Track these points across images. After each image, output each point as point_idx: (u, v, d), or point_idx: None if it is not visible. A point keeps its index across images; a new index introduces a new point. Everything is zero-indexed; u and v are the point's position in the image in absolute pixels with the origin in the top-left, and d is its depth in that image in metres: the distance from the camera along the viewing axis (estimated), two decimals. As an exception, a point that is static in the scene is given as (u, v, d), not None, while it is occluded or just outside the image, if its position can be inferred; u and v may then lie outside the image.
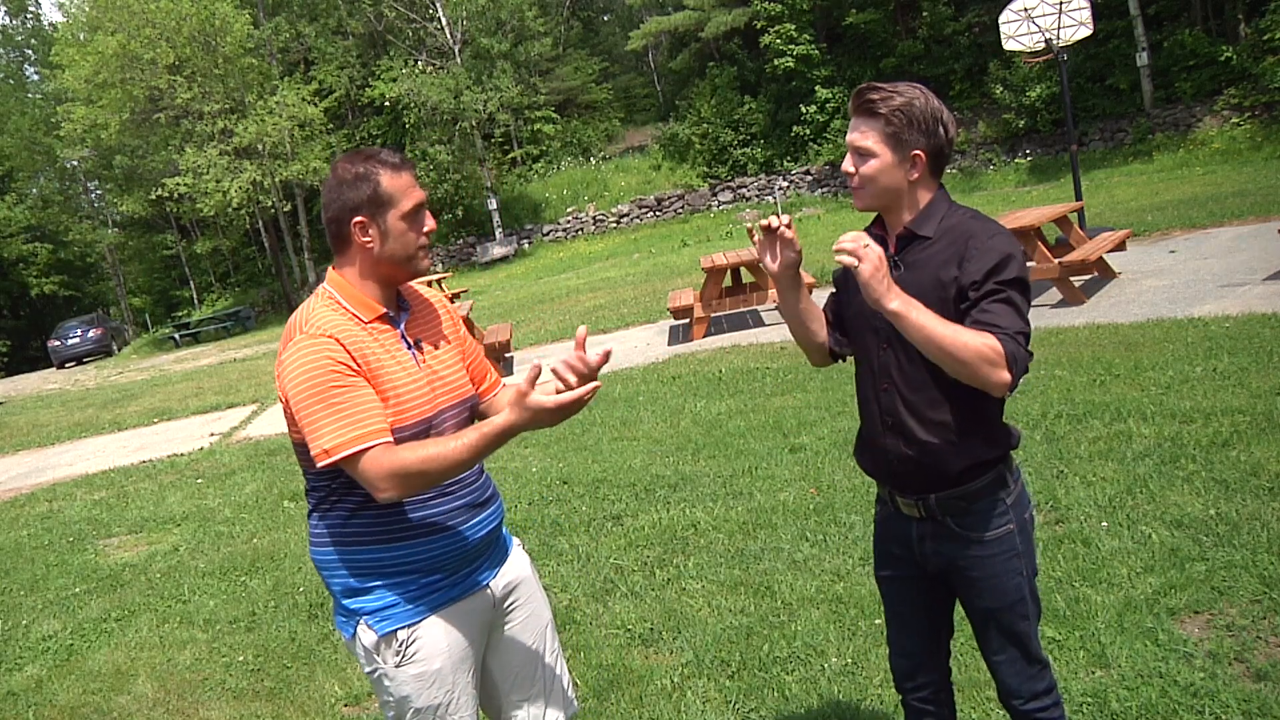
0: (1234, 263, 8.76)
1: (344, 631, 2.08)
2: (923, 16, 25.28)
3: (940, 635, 2.26)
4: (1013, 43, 11.54)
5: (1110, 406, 5.27)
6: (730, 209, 27.49)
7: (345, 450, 1.84)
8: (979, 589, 2.08)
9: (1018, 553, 2.06)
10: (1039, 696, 2.13)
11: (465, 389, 2.13)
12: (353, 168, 1.97)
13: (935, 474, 2.03)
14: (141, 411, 13.12)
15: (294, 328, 1.96)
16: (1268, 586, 3.21)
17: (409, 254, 2.01)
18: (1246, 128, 19.45)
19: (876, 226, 2.10)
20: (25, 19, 44.49)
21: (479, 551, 2.10)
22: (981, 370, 1.82)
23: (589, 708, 3.29)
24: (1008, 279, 1.89)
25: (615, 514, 5.13)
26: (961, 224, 1.98)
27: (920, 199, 2.01)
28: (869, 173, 1.97)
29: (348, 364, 1.89)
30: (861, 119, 1.97)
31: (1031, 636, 2.11)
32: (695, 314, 10.15)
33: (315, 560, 2.08)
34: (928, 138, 1.95)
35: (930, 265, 1.97)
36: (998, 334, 1.84)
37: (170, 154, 27.26)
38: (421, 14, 29.96)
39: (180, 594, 5.20)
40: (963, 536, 2.06)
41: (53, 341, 29.48)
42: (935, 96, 1.98)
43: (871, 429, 2.14)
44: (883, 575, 2.27)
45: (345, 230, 1.98)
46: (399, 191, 1.97)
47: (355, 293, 2.00)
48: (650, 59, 38.51)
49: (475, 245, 29.25)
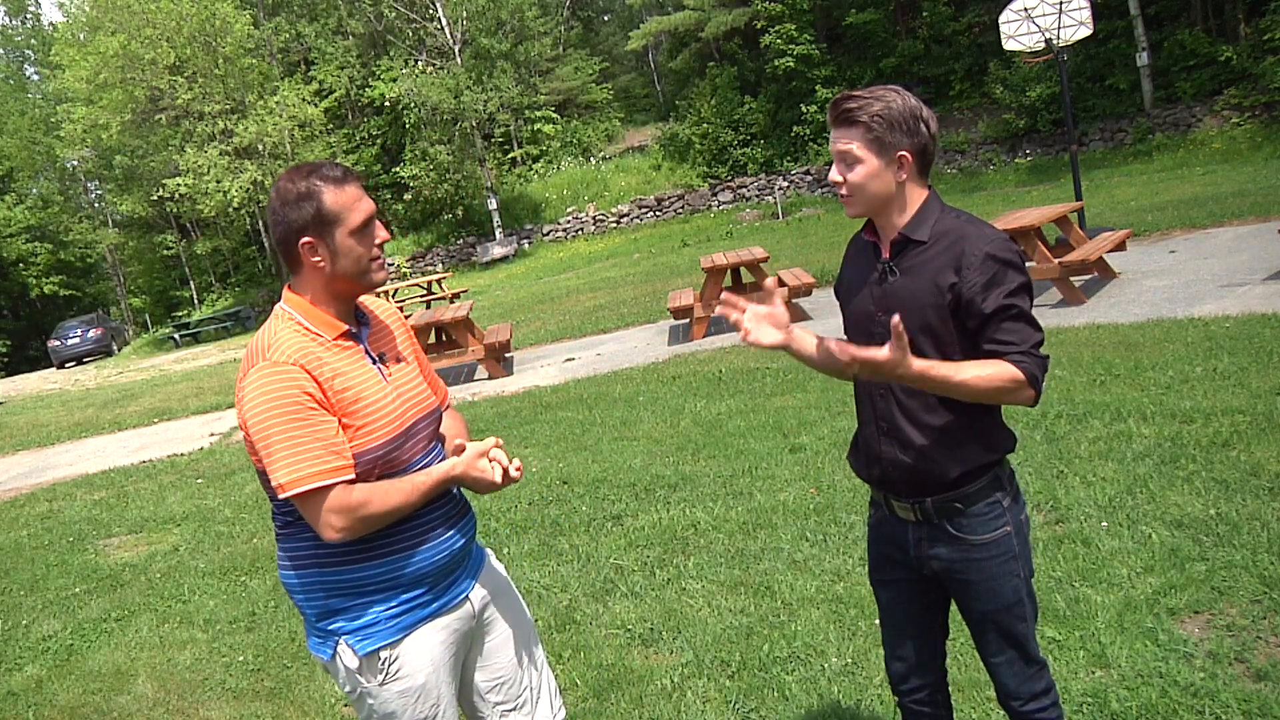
0: (1234, 263, 8.77)
1: (320, 654, 2.03)
2: (923, 16, 25.30)
3: (936, 638, 2.26)
4: (1013, 43, 11.54)
5: (1110, 406, 5.27)
6: (730, 209, 27.48)
7: (301, 487, 1.82)
8: (976, 592, 2.07)
9: (1014, 555, 2.06)
10: (1038, 697, 2.14)
11: (430, 400, 2.12)
12: (294, 186, 1.90)
13: (931, 479, 2.02)
14: (141, 411, 13.12)
15: (256, 352, 1.90)
16: (1268, 586, 3.21)
17: (361, 269, 1.95)
18: (1246, 128, 19.45)
19: (868, 231, 2.10)
20: (25, 19, 44.50)
21: (457, 562, 2.08)
22: (1007, 399, 1.90)
23: (589, 707, 3.29)
24: (1013, 289, 1.90)
25: (615, 514, 5.13)
26: (956, 228, 1.97)
27: (911, 201, 2.00)
28: (857, 180, 1.97)
29: (311, 394, 1.84)
30: (842, 129, 1.96)
31: (1029, 638, 2.11)
32: (695, 314, 10.15)
33: (288, 583, 2.04)
34: (910, 137, 1.94)
35: (926, 270, 1.96)
36: (1014, 356, 1.88)
37: (170, 154, 27.28)
38: (421, 14, 29.96)
39: (180, 594, 5.20)
40: (959, 539, 2.04)
41: (53, 341, 29.45)
42: (911, 95, 1.97)
43: (867, 433, 2.14)
44: (878, 579, 2.26)
45: (294, 252, 1.92)
46: (344, 207, 1.90)
47: (315, 311, 1.96)
48: (650, 59, 38.50)
49: (475, 245, 29.25)
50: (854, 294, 2.11)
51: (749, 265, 10.09)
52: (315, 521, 1.86)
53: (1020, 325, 1.90)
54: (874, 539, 2.25)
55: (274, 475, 1.83)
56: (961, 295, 1.91)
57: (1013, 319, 1.90)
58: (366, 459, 1.91)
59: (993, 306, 1.89)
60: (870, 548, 2.27)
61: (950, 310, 1.93)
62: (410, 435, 2.00)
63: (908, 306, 1.95)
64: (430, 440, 2.10)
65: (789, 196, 26.47)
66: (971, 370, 1.87)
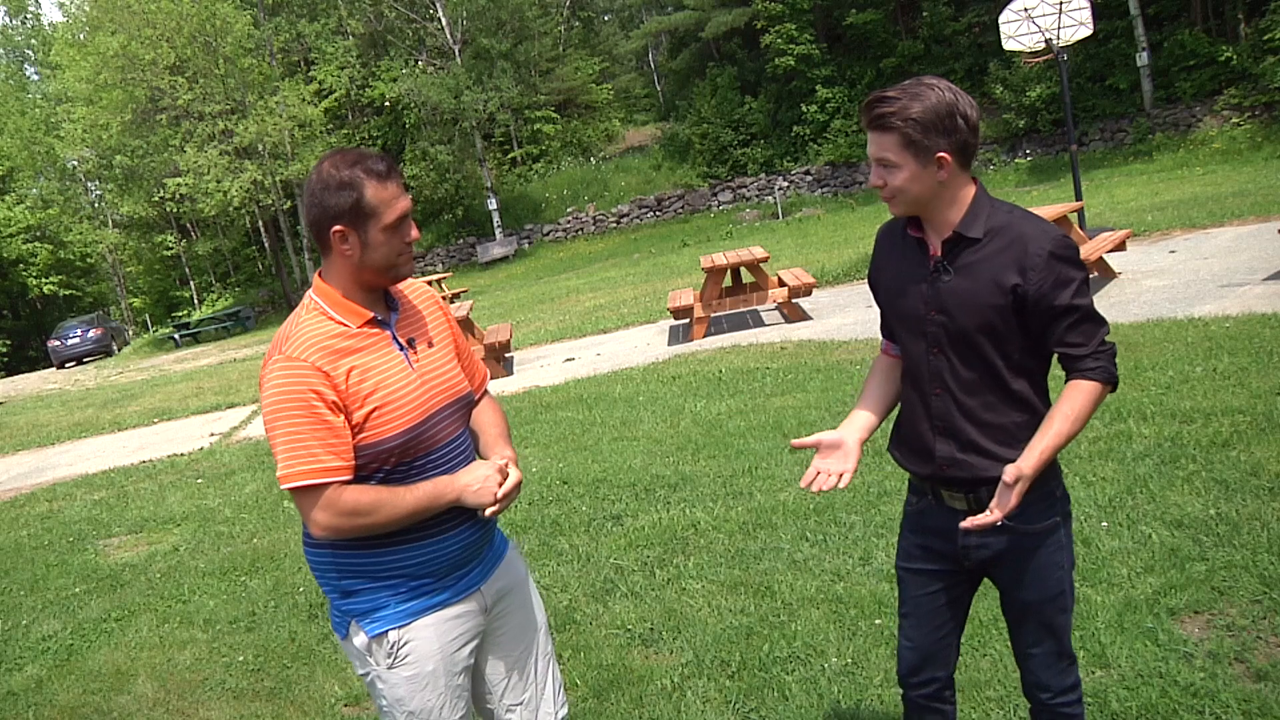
0: (1234, 263, 8.76)
1: (338, 632, 2.09)
2: (923, 16, 25.31)
3: (956, 634, 2.24)
4: (1013, 43, 11.54)
5: (1110, 406, 5.26)
6: (730, 209, 27.49)
7: (295, 482, 1.87)
8: (1024, 582, 2.06)
9: (1062, 545, 2.06)
10: (1066, 692, 2.14)
11: (460, 386, 2.10)
12: (338, 173, 1.90)
13: (991, 475, 1.97)
14: (141, 411, 13.12)
15: (277, 344, 1.94)
16: (1268, 586, 3.21)
17: (390, 263, 1.96)
18: (1246, 128, 19.46)
19: (913, 228, 2.03)
20: (25, 19, 44.51)
21: (469, 556, 2.09)
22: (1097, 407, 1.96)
23: (589, 707, 3.29)
24: (1077, 288, 1.90)
25: (615, 514, 5.13)
26: (1011, 224, 1.93)
27: (960, 196, 1.95)
28: (898, 184, 1.92)
29: (320, 393, 1.87)
30: (876, 134, 1.91)
31: (1067, 630, 2.11)
32: (695, 314, 10.15)
33: (309, 561, 2.09)
34: (948, 136, 1.87)
35: (986, 269, 1.92)
36: (1086, 364, 1.92)
37: (171, 154, 27.29)
38: (421, 14, 29.98)
39: (180, 594, 5.20)
40: (1012, 529, 2.00)
41: (53, 341, 29.48)
42: (948, 86, 1.90)
43: (918, 430, 2.09)
44: (909, 567, 2.21)
45: (325, 236, 1.94)
46: (383, 204, 1.91)
47: (341, 300, 1.97)
48: (650, 59, 38.52)
49: (475, 245, 29.26)
50: (902, 293, 2.05)
51: (749, 265, 10.09)
52: (304, 516, 1.92)
53: (1087, 325, 1.91)
54: (912, 527, 2.19)
55: (277, 466, 1.90)
56: (1028, 296, 1.89)
57: (1079, 319, 1.91)
58: (383, 448, 1.93)
59: (1061, 308, 1.89)
60: (905, 536, 2.22)
61: (1013, 310, 1.91)
62: (432, 422, 2.00)
63: (967, 306, 1.93)
64: (459, 425, 2.08)
65: (789, 196, 26.47)
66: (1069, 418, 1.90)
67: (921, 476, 2.13)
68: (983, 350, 1.94)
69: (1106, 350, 1.93)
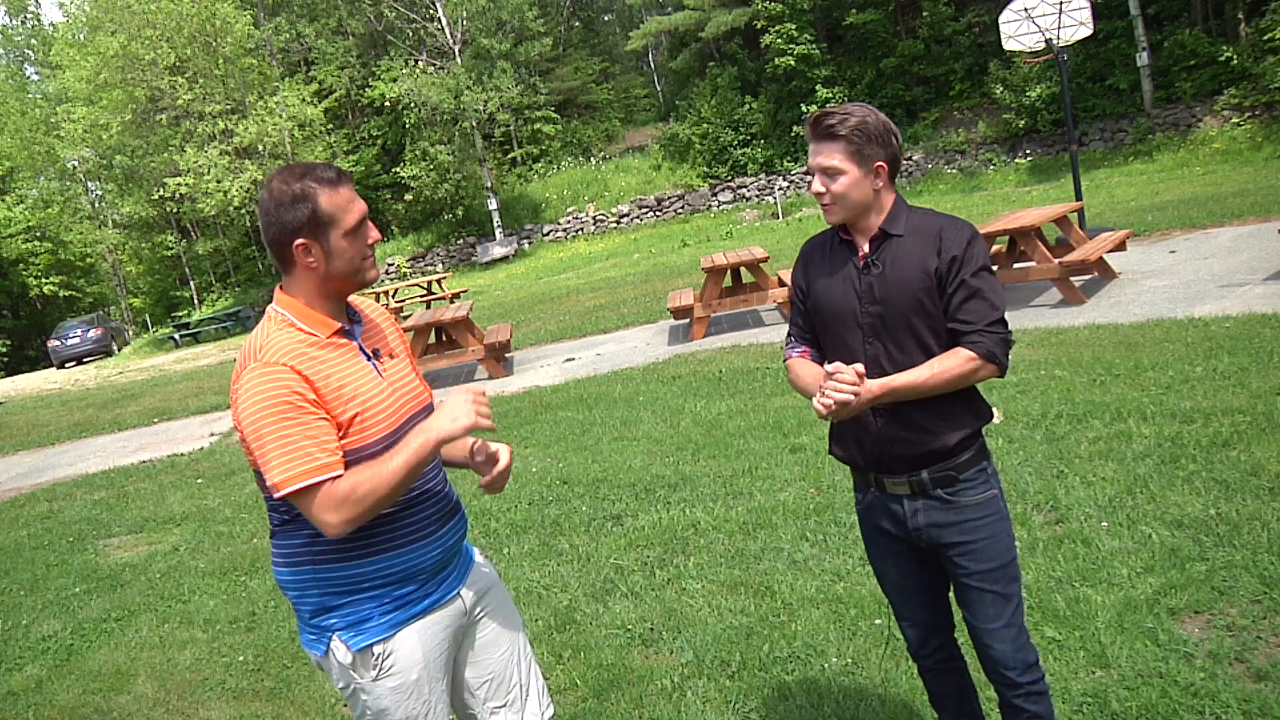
0: (1234, 263, 8.76)
1: (314, 650, 2.05)
2: (923, 16, 25.28)
3: (944, 596, 2.38)
4: (1013, 42, 11.54)
5: (1110, 406, 5.26)
6: (730, 209, 27.48)
7: (294, 485, 1.83)
8: (975, 553, 2.20)
9: (1002, 515, 2.24)
10: (1031, 668, 2.24)
11: (423, 396, 2.14)
12: (288, 188, 1.90)
13: (930, 451, 2.18)
14: (141, 411, 13.12)
15: (248, 355, 1.92)
16: (1268, 586, 3.21)
17: (355, 268, 1.97)
18: (1247, 128, 19.44)
19: (843, 233, 2.27)
20: (25, 19, 44.50)
21: (448, 560, 2.11)
22: (973, 378, 2.14)
23: (589, 707, 3.29)
24: (980, 270, 2.12)
25: (615, 514, 5.13)
26: (928, 221, 2.20)
27: (886, 203, 2.21)
28: (840, 190, 2.16)
29: (302, 393, 1.86)
30: (823, 142, 2.16)
31: (1021, 603, 2.26)
32: (695, 314, 10.15)
33: (282, 580, 2.06)
34: (885, 148, 2.16)
35: (911, 259, 2.16)
36: (971, 338, 2.11)
37: (171, 154, 27.27)
38: (421, 14, 29.95)
39: (180, 594, 5.20)
40: (955, 503, 2.20)
41: (53, 341, 29.44)
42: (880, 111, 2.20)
43: (859, 420, 2.23)
44: (877, 559, 2.40)
45: (287, 252, 1.94)
46: (339, 209, 1.92)
47: (308, 311, 1.97)
48: (650, 59, 38.51)
49: (475, 245, 29.24)
50: (831, 291, 2.25)
51: (749, 265, 10.09)
52: (314, 520, 1.88)
53: (979, 305, 2.12)
54: (866, 521, 2.38)
55: (268, 474, 1.84)
56: (942, 274, 2.13)
57: (972, 297, 2.12)
58: (365, 454, 1.92)
59: (959, 282, 2.12)
60: (864, 532, 2.41)
61: (937, 290, 2.14)
62: (404, 430, 2.01)
63: (897, 292, 2.15)
64: None
65: (789, 196, 26.46)
66: (931, 369, 2.11)
67: (863, 468, 2.30)
68: (917, 331, 2.15)
69: (995, 333, 2.11)
